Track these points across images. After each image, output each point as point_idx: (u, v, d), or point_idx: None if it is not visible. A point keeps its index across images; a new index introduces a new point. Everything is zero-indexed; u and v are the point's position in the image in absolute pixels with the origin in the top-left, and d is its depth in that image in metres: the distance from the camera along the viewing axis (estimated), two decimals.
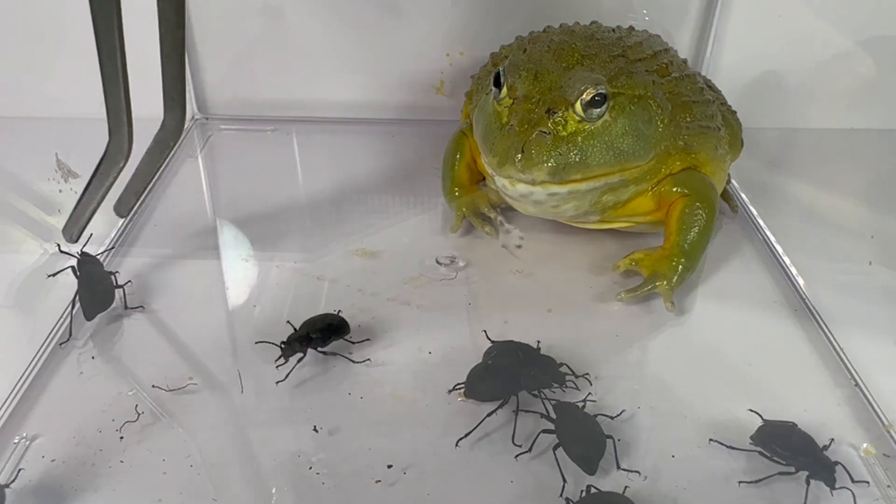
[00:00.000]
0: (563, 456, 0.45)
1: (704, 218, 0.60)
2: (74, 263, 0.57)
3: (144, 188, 0.64)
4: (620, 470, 0.45)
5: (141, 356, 0.53)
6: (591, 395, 0.50)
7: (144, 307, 0.58)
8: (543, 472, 0.45)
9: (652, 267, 0.60)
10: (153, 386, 0.50)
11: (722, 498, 0.44)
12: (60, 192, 0.65)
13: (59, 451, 0.46)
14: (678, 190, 0.61)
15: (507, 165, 0.54)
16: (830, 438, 0.47)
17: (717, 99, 0.69)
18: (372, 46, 0.85)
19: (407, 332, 0.56)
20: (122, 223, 0.68)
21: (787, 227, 0.70)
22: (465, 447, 0.47)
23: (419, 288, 0.61)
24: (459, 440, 0.47)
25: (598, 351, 0.55)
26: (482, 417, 0.47)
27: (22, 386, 0.51)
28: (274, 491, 0.44)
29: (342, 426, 0.48)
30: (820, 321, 0.58)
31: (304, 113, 0.89)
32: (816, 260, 0.67)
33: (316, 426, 0.48)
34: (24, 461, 0.45)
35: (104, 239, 0.66)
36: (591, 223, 0.64)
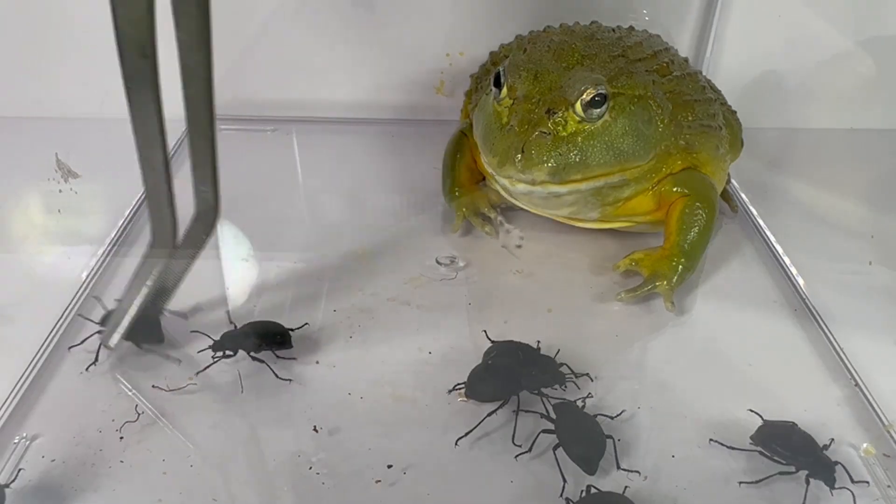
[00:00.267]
0: (563, 456, 0.45)
1: (704, 218, 0.60)
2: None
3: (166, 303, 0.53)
4: (620, 470, 0.45)
5: (141, 356, 0.53)
6: (590, 394, 0.50)
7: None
8: (543, 472, 0.45)
9: (652, 267, 0.60)
10: (153, 386, 0.50)
11: (722, 498, 0.44)
12: (60, 192, 0.65)
13: (59, 451, 0.46)
14: (678, 190, 0.61)
15: (507, 166, 0.54)
16: (830, 438, 0.47)
17: (717, 98, 0.69)
18: (372, 46, 0.85)
19: (407, 332, 0.56)
20: (122, 223, 0.68)
21: (787, 227, 0.70)
22: (465, 447, 0.47)
23: (419, 288, 0.61)
24: (459, 439, 0.47)
25: (598, 351, 0.55)
26: (482, 417, 0.47)
27: (22, 386, 0.51)
28: (274, 491, 0.44)
29: (342, 426, 0.48)
30: (820, 321, 0.58)
31: (304, 113, 0.88)
32: (816, 260, 0.67)
33: (316, 426, 0.48)
34: (24, 461, 0.45)
35: (104, 238, 0.66)
36: (590, 223, 0.64)
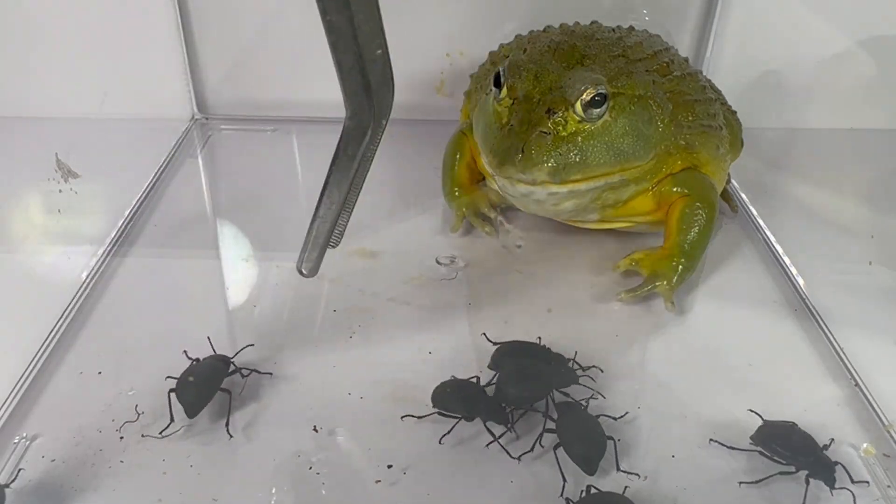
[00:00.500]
0: (563, 456, 0.45)
1: (704, 218, 0.60)
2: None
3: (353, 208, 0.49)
4: (620, 472, 0.45)
5: (141, 356, 0.53)
6: (594, 395, 0.50)
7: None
8: (543, 472, 0.45)
9: (652, 267, 0.60)
10: (153, 386, 0.50)
11: (722, 498, 0.44)
12: (60, 192, 0.65)
13: (59, 451, 0.46)
14: (678, 190, 0.61)
15: (507, 166, 0.54)
16: (830, 438, 0.47)
17: (717, 98, 0.69)
18: None
19: (407, 332, 0.56)
20: (122, 223, 0.68)
21: (787, 227, 0.70)
22: (464, 447, 0.47)
23: (419, 288, 0.61)
24: (489, 443, 0.46)
25: (598, 351, 0.54)
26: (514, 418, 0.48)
27: (22, 386, 0.51)
28: (274, 491, 0.44)
29: (342, 426, 0.48)
30: (820, 321, 0.58)
31: (304, 113, 0.88)
32: (816, 260, 0.67)
33: (316, 426, 0.48)
34: (24, 461, 0.45)
35: (104, 238, 0.66)
36: (591, 223, 0.64)
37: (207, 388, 0.48)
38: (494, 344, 0.53)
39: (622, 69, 0.59)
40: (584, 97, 0.54)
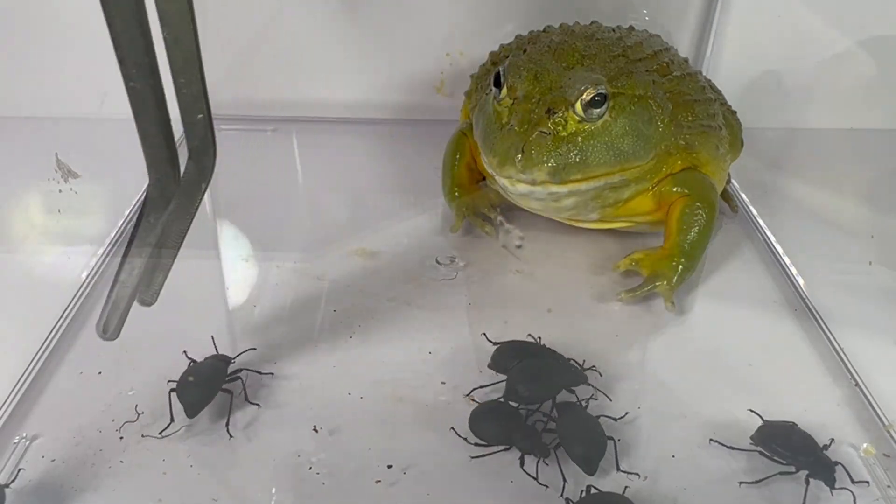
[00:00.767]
0: (563, 455, 0.45)
1: (704, 218, 0.60)
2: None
3: (173, 262, 0.49)
4: (620, 472, 0.45)
5: (141, 356, 0.53)
6: (593, 396, 0.50)
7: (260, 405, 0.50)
8: (543, 472, 0.45)
9: (652, 267, 0.60)
10: (153, 386, 0.50)
11: (722, 498, 0.44)
12: (60, 192, 0.65)
13: (59, 451, 0.46)
14: (678, 190, 0.61)
15: (507, 166, 0.54)
16: (830, 438, 0.47)
17: (717, 98, 0.69)
18: (372, 46, 0.85)
19: (407, 332, 0.56)
20: (122, 223, 0.68)
21: (787, 227, 0.70)
22: (464, 447, 0.47)
23: (419, 288, 0.61)
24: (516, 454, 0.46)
25: (598, 351, 0.54)
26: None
27: (22, 386, 0.51)
28: (274, 491, 0.44)
29: (342, 426, 0.48)
30: (820, 321, 0.58)
31: (304, 113, 0.88)
32: (816, 260, 0.67)
33: (316, 426, 0.48)
34: (24, 461, 0.45)
35: (104, 238, 0.66)
36: (591, 223, 0.64)
37: (208, 388, 0.48)
38: (494, 344, 0.53)
39: (622, 69, 0.59)
40: (584, 97, 0.54)
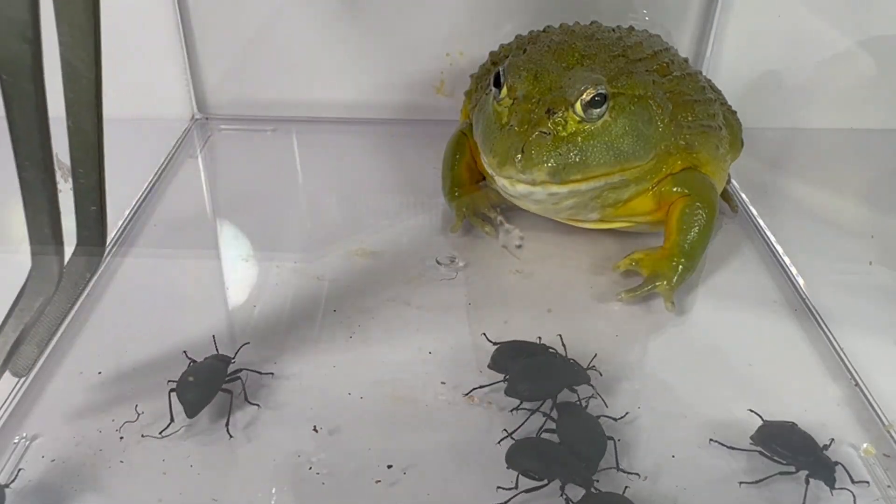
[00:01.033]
0: None
1: (705, 218, 0.60)
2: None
3: (50, 338, 0.47)
4: (620, 471, 0.45)
5: (140, 356, 0.53)
6: (594, 395, 0.50)
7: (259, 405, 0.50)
8: None
9: (652, 267, 0.60)
10: (153, 386, 0.50)
11: (722, 498, 0.44)
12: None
13: (59, 451, 0.46)
14: (678, 190, 0.61)
15: (507, 166, 0.54)
16: (830, 438, 0.47)
17: (717, 98, 0.69)
18: (372, 46, 0.85)
19: (407, 332, 0.56)
20: (121, 223, 0.68)
21: (787, 227, 0.70)
22: (464, 447, 0.47)
23: (419, 288, 0.61)
24: (502, 440, 0.47)
25: (598, 351, 0.54)
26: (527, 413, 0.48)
27: (22, 386, 0.51)
28: (274, 491, 0.44)
29: (342, 426, 0.48)
30: (820, 321, 0.58)
31: (304, 113, 0.89)
32: (816, 260, 0.67)
33: (316, 426, 0.48)
34: (24, 461, 0.45)
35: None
36: (590, 223, 0.64)
37: (208, 388, 0.48)
38: (494, 344, 0.53)
39: (622, 69, 0.59)
40: (584, 97, 0.54)
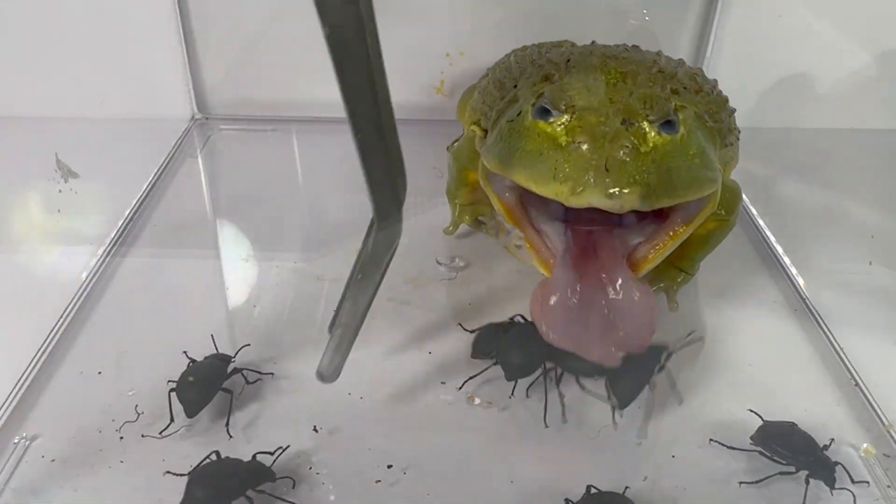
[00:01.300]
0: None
1: (725, 237, 0.59)
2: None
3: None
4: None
5: (140, 356, 0.53)
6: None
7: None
8: (544, 471, 0.45)
9: (656, 271, 0.59)
10: (153, 386, 0.50)
11: (722, 498, 0.44)
12: (60, 192, 0.65)
13: (59, 451, 0.46)
14: (719, 213, 0.55)
15: (585, 191, 0.42)
16: (830, 438, 0.47)
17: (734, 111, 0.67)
18: None
19: (407, 332, 0.56)
20: (122, 223, 0.68)
21: (786, 226, 0.70)
22: (464, 447, 0.47)
23: (419, 288, 0.61)
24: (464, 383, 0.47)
25: None
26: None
27: (22, 386, 0.51)
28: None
29: (342, 426, 0.48)
30: (820, 321, 0.58)
31: (304, 113, 0.88)
32: (816, 260, 0.67)
33: (316, 426, 0.48)
34: (24, 461, 0.45)
35: (104, 238, 0.66)
36: None
37: (208, 388, 0.48)
38: (471, 332, 0.53)
39: (669, 87, 0.53)
40: (659, 106, 0.46)
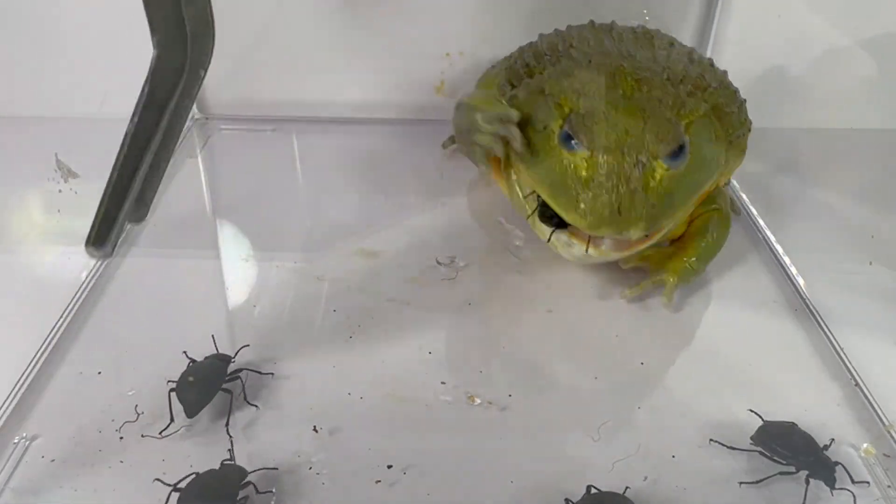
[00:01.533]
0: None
1: (727, 228, 0.60)
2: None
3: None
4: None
5: (140, 356, 0.53)
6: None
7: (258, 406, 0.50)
8: (544, 471, 0.45)
9: (661, 262, 0.60)
10: (153, 386, 0.50)
11: (722, 498, 0.44)
12: (60, 192, 0.65)
13: (59, 451, 0.46)
14: (715, 205, 0.61)
15: (602, 227, 0.51)
16: (830, 438, 0.47)
17: (744, 101, 0.68)
18: (372, 46, 0.85)
19: (407, 332, 0.56)
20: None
21: (787, 227, 0.70)
22: (463, 447, 0.47)
23: (419, 288, 0.61)
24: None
25: (597, 351, 0.55)
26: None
27: (22, 386, 0.51)
28: (274, 491, 0.44)
29: (342, 426, 0.48)
30: (820, 321, 0.58)
31: (304, 113, 0.88)
32: (816, 260, 0.67)
33: (316, 426, 0.48)
34: (24, 461, 0.45)
35: None
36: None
37: (208, 388, 0.48)
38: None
39: (677, 94, 0.57)
40: (671, 147, 0.52)
